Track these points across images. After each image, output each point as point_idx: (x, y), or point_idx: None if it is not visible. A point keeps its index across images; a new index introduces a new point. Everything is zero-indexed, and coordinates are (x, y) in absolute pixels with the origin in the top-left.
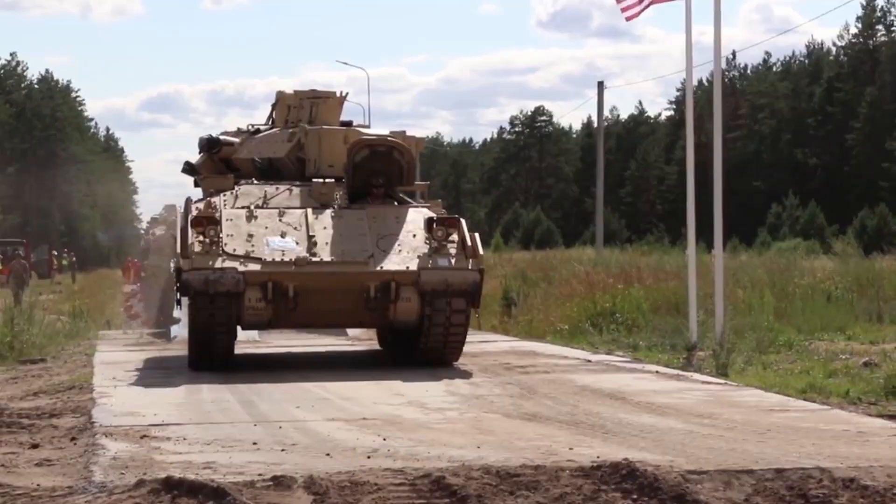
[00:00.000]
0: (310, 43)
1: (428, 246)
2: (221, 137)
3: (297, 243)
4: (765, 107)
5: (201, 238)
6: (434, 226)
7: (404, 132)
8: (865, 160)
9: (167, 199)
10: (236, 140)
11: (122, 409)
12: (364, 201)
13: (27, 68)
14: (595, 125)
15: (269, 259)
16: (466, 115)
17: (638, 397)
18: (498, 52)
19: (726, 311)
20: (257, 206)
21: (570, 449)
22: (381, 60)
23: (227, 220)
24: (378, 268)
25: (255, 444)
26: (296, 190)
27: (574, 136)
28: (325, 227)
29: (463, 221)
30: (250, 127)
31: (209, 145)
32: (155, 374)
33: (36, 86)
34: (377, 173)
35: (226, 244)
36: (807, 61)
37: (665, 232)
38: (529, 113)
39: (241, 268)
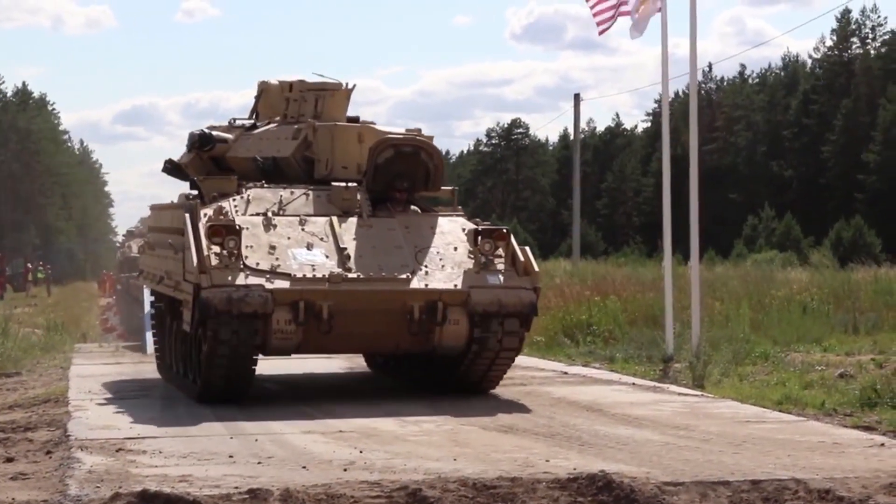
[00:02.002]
0: (284, 55)
1: (473, 260)
2: (214, 134)
3: (327, 256)
4: (741, 119)
5: (218, 250)
6: (480, 238)
7: (419, 130)
8: (841, 172)
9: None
10: (230, 136)
11: (98, 422)
12: (383, 207)
13: (3, 81)
14: (571, 137)
15: (298, 275)
16: (442, 127)
17: (614, 409)
18: (473, 65)
19: (702, 323)
20: (274, 213)
21: (547, 461)
22: (356, 73)
23: (243, 228)
24: (422, 285)
25: (231, 456)
26: (312, 194)
27: (551, 148)
28: (354, 238)
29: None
30: (233, 122)
31: (201, 142)
32: (131, 386)
33: (12, 98)
34: (400, 176)
35: (246, 257)
36: (783, 73)
37: (641, 244)
38: (506, 125)
39: (268, 285)
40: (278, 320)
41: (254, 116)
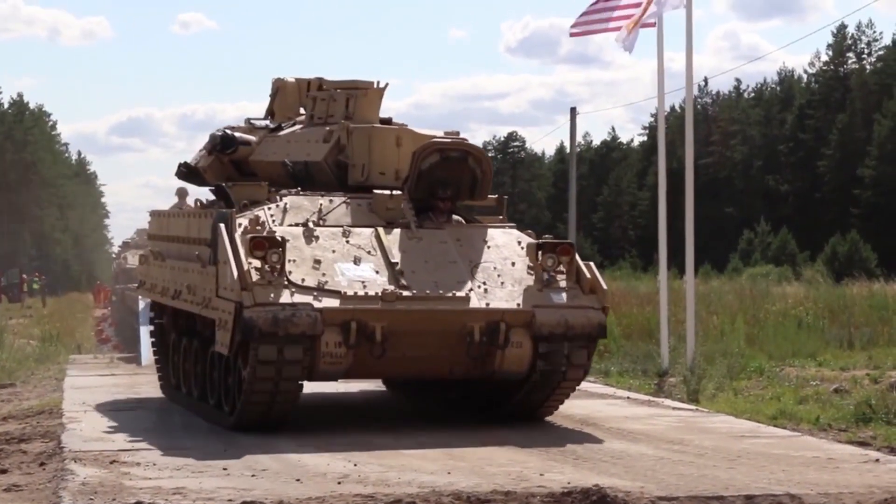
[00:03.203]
0: (280, 68)
1: (533, 277)
2: (237, 135)
3: (377, 272)
4: (737, 133)
5: (258, 264)
6: (541, 252)
7: (458, 133)
8: (837, 187)
9: (138, 223)
10: (253, 139)
11: (92, 434)
12: (425, 217)
13: (0, 91)
14: (568, 151)
15: (348, 292)
16: None
17: (609, 423)
18: (468, 78)
19: (697, 337)
20: (314, 224)
21: (541, 475)
22: None
23: (286, 240)
24: (483, 304)
25: (224, 469)
26: (353, 203)
27: (547, 161)
28: (404, 252)
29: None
30: (252, 123)
31: (223, 144)
32: (125, 398)
33: (8, 109)
34: (444, 183)
35: (290, 272)
36: (778, 88)
37: (637, 257)
38: (502, 139)
39: (317, 303)
40: (327, 343)
41: (269, 116)
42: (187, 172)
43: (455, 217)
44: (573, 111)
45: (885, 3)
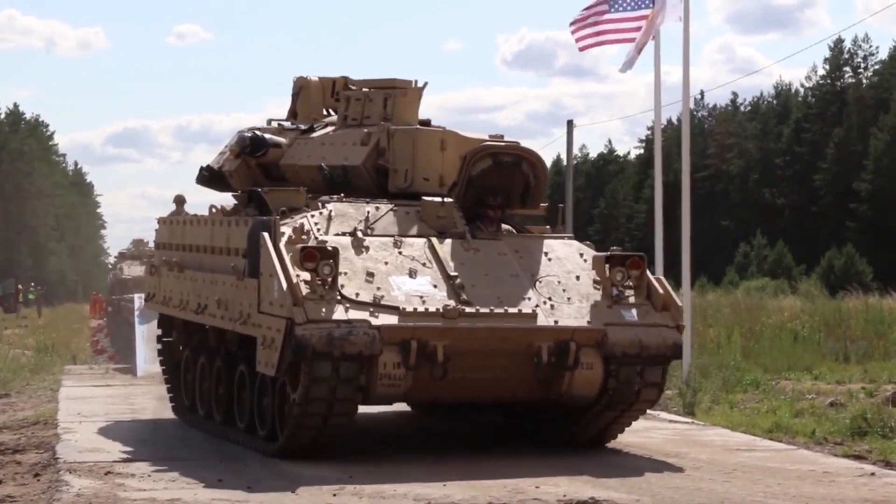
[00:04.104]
0: (276, 79)
1: (600, 292)
2: (267, 137)
3: (435, 286)
4: (733, 146)
5: (308, 277)
6: (610, 266)
7: (502, 136)
8: (833, 200)
9: (134, 233)
10: (283, 141)
11: (87, 444)
12: (474, 226)
13: None
14: (564, 163)
15: (407, 308)
16: None
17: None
18: (464, 91)
19: (693, 350)
20: (363, 233)
21: (537, 487)
22: None
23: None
24: (551, 322)
25: (220, 480)
26: (401, 210)
27: None
28: (461, 264)
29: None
30: (279, 125)
31: (254, 146)
32: (120, 409)
33: (4, 120)
34: (493, 190)
35: (342, 286)
36: (775, 102)
37: None
38: None
39: (374, 320)
40: (385, 363)
41: (292, 117)
42: (209, 177)
43: (504, 226)
44: (570, 123)
45: (881, 17)
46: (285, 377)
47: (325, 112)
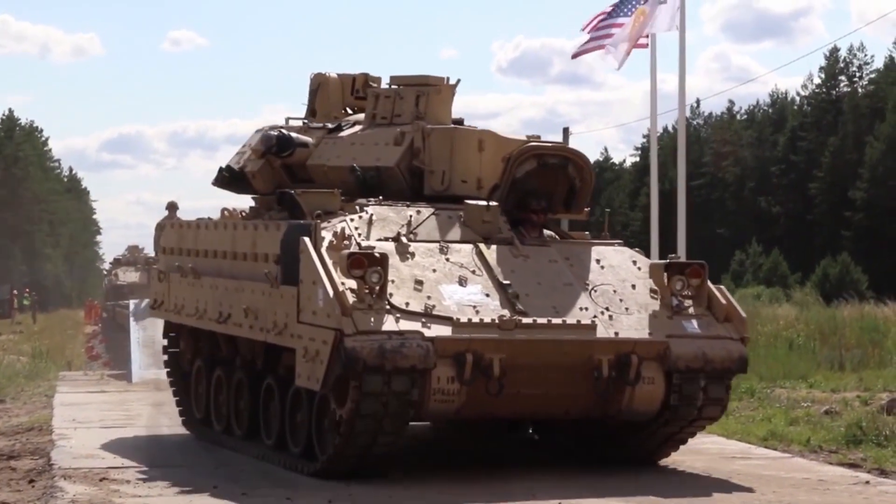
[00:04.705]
0: (271, 85)
1: (658, 302)
2: (293, 136)
3: (487, 295)
4: (729, 155)
5: (355, 285)
6: (668, 274)
7: (538, 137)
8: (828, 209)
9: (129, 239)
10: (310, 140)
11: (82, 451)
12: (517, 231)
13: None
14: None
15: (461, 319)
16: None
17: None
18: (460, 97)
19: None
20: (408, 238)
21: (533, 495)
22: None
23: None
24: (611, 334)
25: (215, 487)
26: (443, 214)
27: None
28: (512, 272)
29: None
30: (305, 123)
31: (280, 146)
32: (115, 415)
33: None
34: (538, 193)
35: (391, 294)
36: (770, 110)
37: None
38: None
39: (427, 332)
40: (439, 378)
41: (310, 115)
42: (230, 178)
43: (547, 232)
44: (566, 131)
45: (875, 27)
46: (330, 392)
47: (344, 110)
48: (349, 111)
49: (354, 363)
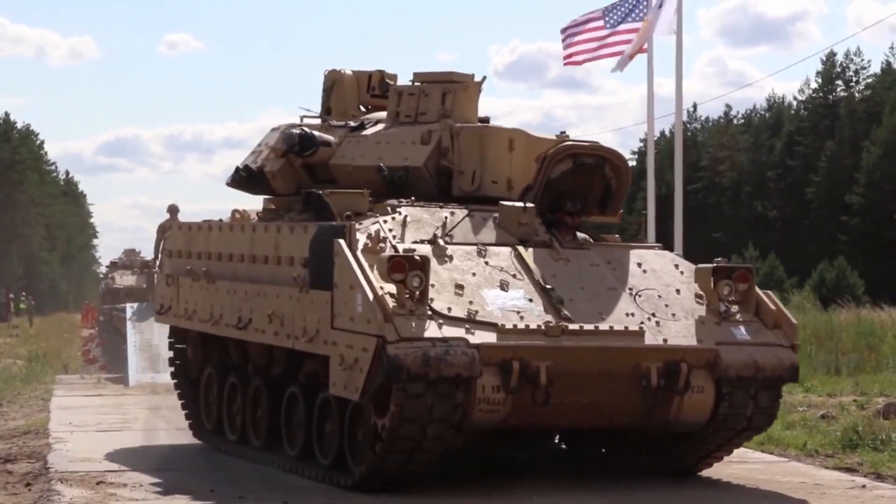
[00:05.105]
0: (268, 89)
1: (704, 307)
2: (316, 134)
3: (531, 300)
4: (725, 159)
5: (394, 290)
6: (716, 279)
7: (567, 135)
8: (825, 214)
9: (126, 243)
10: (333, 139)
11: (79, 454)
12: (550, 233)
13: None
14: None
15: (506, 325)
16: None
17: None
18: None
19: None
20: (444, 241)
21: (530, 499)
22: None
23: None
24: (660, 341)
25: (212, 490)
26: (477, 216)
27: None
28: (553, 276)
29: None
30: (327, 122)
31: (303, 145)
32: (112, 419)
33: None
34: (573, 194)
35: (432, 299)
36: (767, 115)
37: None
38: None
39: (471, 338)
40: (484, 386)
41: (325, 113)
42: (247, 178)
43: (580, 235)
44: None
45: (872, 32)
46: (369, 402)
47: (360, 108)
48: (361, 109)
49: (398, 372)
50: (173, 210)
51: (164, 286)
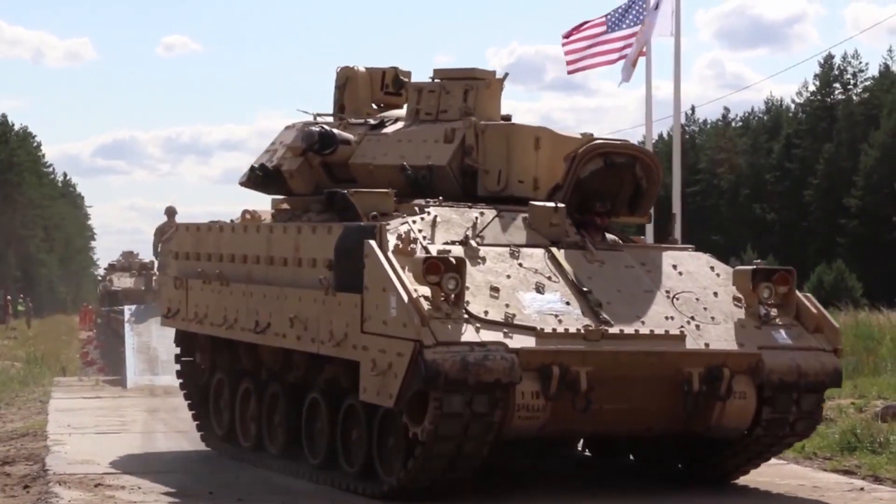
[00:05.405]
0: (265, 91)
1: (743, 310)
2: (336, 132)
3: (568, 303)
4: (723, 162)
5: (429, 292)
6: (755, 282)
7: (591, 136)
8: (823, 216)
9: (124, 245)
10: (352, 137)
11: (77, 456)
12: (580, 234)
13: None
14: None
15: (545, 329)
16: None
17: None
18: None
19: None
20: (477, 242)
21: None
22: None
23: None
24: (701, 345)
25: (211, 493)
26: (507, 216)
27: None
28: (589, 278)
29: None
30: (342, 119)
31: (322, 143)
32: (110, 421)
33: None
34: (602, 194)
35: (468, 302)
36: (765, 118)
37: None
38: None
39: (510, 342)
40: (524, 392)
41: (339, 111)
42: (262, 177)
43: (610, 236)
44: None
45: (870, 34)
46: (404, 409)
47: (373, 106)
48: (374, 107)
49: (436, 377)
50: (171, 212)
51: (172, 289)
